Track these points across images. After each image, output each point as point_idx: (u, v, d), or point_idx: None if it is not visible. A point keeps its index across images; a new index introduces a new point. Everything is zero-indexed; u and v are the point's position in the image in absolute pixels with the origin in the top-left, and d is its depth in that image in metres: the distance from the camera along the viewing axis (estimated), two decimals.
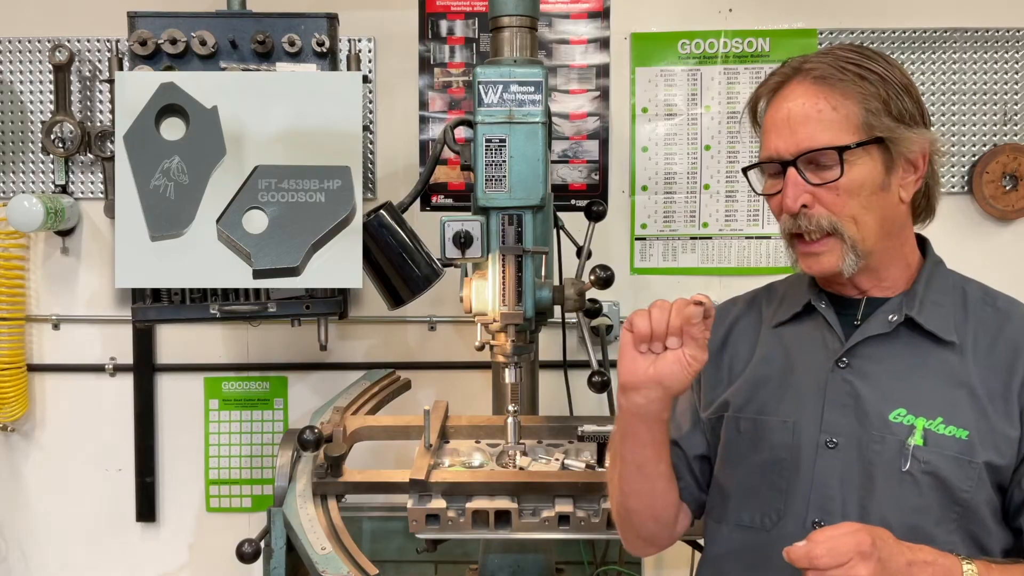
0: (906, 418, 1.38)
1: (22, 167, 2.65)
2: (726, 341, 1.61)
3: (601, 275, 2.10)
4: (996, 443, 1.36)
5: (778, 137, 1.42)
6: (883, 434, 1.39)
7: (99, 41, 2.62)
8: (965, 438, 1.36)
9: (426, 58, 2.66)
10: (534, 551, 2.06)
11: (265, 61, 2.07)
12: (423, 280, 2.06)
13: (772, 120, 1.44)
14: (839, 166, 1.38)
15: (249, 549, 1.88)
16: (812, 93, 1.41)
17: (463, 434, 2.17)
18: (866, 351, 1.44)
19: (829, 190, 1.39)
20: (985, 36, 2.64)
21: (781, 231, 1.47)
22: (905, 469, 1.36)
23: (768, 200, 1.50)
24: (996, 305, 1.46)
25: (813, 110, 1.39)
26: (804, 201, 1.40)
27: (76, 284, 2.70)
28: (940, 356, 1.42)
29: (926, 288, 1.46)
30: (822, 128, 1.39)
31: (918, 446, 1.36)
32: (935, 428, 1.37)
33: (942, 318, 1.43)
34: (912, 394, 1.40)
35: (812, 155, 1.39)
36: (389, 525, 2.53)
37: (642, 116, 2.69)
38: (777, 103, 1.45)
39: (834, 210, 1.39)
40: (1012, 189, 2.63)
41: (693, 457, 1.59)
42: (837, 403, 1.43)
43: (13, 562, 2.77)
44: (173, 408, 2.74)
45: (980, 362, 1.40)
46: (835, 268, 1.41)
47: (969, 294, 1.48)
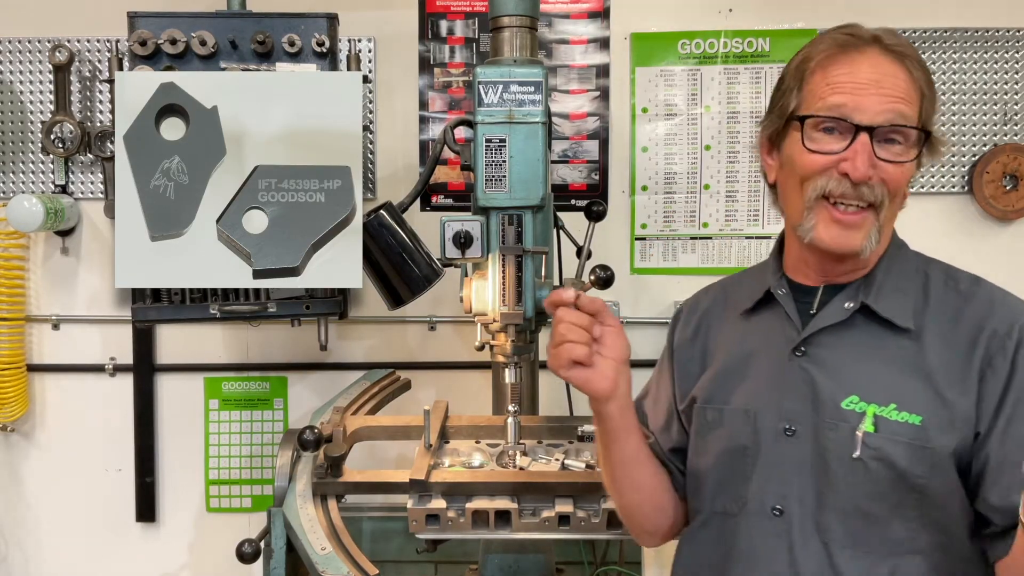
0: (858, 405, 1.38)
1: (22, 167, 2.65)
2: (697, 332, 1.63)
3: (601, 275, 2.10)
4: (956, 427, 1.35)
5: (860, 97, 1.36)
6: (836, 421, 1.39)
7: (99, 41, 2.62)
8: (918, 424, 1.35)
9: (426, 58, 2.66)
10: (534, 551, 2.06)
11: (265, 61, 2.07)
12: (423, 280, 2.06)
13: (851, 78, 1.38)
14: (916, 149, 1.38)
15: (249, 549, 1.88)
16: (898, 69, 1.38)
17: (463, 434, 2.17)
18: (823, 339, 1.44)
19: (897, 167, 1.37)
20: (985, 36, 2.64)
21: (813, 192, 1.40)
22: (856, 456, 1.36)
23: (809, 156, 1.40)
24: (958, 288, 1.45)
25: (903, 84, 1.37)
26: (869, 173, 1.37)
27: (76, 284, 2.70)
28: (897, 343, 1.41)
29: (886, 273, 1.46)
30: (908, 105, 1.37)
31: (868, 432, 1.36)
32: (887, 415, 1.36)
33: (900, 304, 1.43)
34: (866, 381, 1.40)
35: (893, 130, 1.37)
36: (389, 525, 2.53)
37: (642, 116, 2.69)
38: (854, 62, 1.39)
39: (891, 187, 1.38)
40: (1012, 189, 2.63)
41: (669, 450, 1.64)
42: (794, 391, 1.44)
43: (13, 562, 2.77)
44: (173, 408, 2.74)
45: (940, 347, 1.39)
46: (860, 246, 1.39)
47: (932, 277, 1.47)
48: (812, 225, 1.40)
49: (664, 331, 1.75)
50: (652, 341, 2.67)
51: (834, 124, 1.38)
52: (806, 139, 1.40)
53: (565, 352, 1.37)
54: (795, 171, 1.43)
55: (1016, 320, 1.39)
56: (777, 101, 1.48)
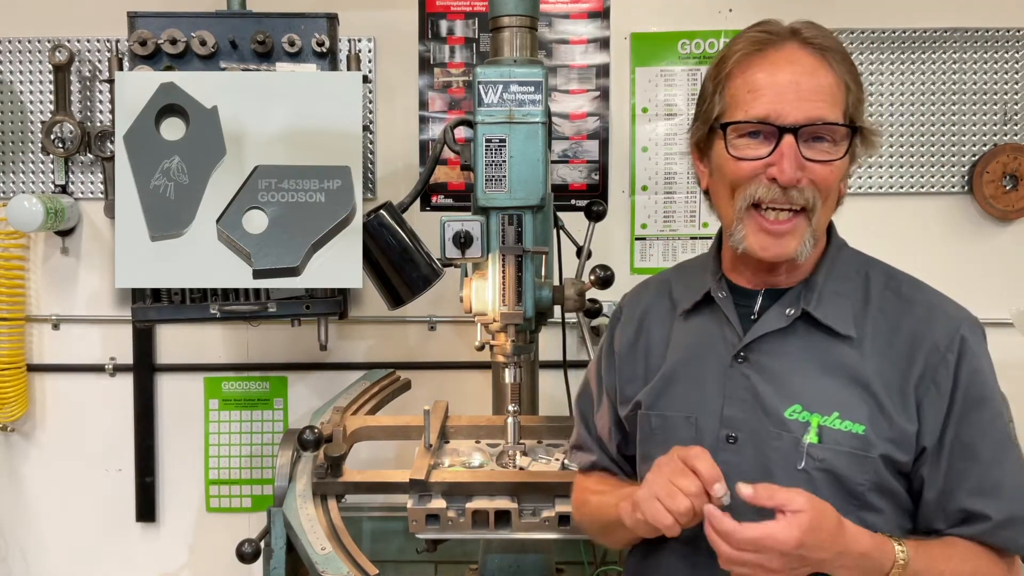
0: (801, 415, 1.35)
1: (22, 167, 2.65)
2: (639, 333, 1.57)
3: (601, 275, 2.10)
4: (893, 437, 1.33)
5: (780, 100, 1.32)
6: (780, 431, 1.36)
7: (99, 41, 2.62)
8: (862, 433, 1.33)
9: (426, 58, 2.66)
10: (534, 551, 2.06)
11: (265, 61, 2.07)
12: (423, 280, 2.06)
13: (771, 80, 1.34)
14: (844, 146, 1.33)
15: (249, 549, 1.89)
16: (818, 64, 1.34)
17: (463, 434, 2.17)
18: (764, 345, 1.41)
19: (825, 167, 1.33)
20: (985, 36, 2.64)
21: (743, 202, 1.36)
22: (800, 467, 1.34)
23: (736, 164, 1.36)
24: (899, 291, 1.41)
25: (824, 81, 1.33)
26: (797, 176, 1.33)
27: (76, 284, 2.70)
28: (838, 350, 1.38)
29: (827, 277, 1.42)
30: (831, 102, 1.33)
31: (813, 444, 1.34)
32: (831, 424, 1.34)
33: (840, 310, 1.39)
34: (808, 390, 1.36)
35: (817, 128, 1.32)
36: (389, 525, 2.53)
37: (642, 116, 2.69)
38: (772, 63, 1.35)
39: (822, 187, 1.34)
40: (1012, 189, 2.63)
41: (618, 454, 1.61)
42: (736, 398, 1.41)
43: (13, 562, 2.77)
44: (173, 408, 2.74)
45: (878, 354, 1.36)
46: (793, 253, 1.35)
47: (872, 280, 1.43)
48: (743, 235, 1.37)
49: None
50: None
51: (758, 128, 1.34)
52: (730, 147, 1.36)
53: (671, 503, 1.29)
54: (724, 178, 1.39)
55: (956, 330, 1.36)
56: (701, 106, 1.43)
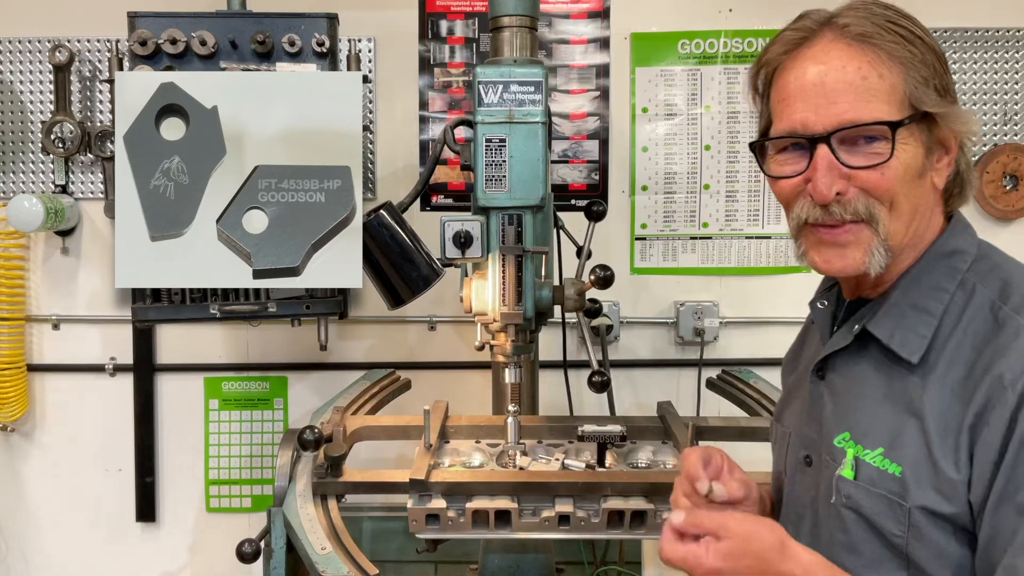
0: (848, 444, 1.22)
1: (22, 167, 2.65)
2: (801, 338, 1.51)
3: (601, 275, 2.10)
4: (937, 485, 1.13)
5: (807, 107, 1.17)
6: (829, 459, 1.25)
7: (99, 41, 2.62)
8: (898, 475, 1.15)
9: (426, 58, 2.66)
10: (534, 551, 2.06)
11: (265, 61, 2.06)
12: (423, 280, 2.06)
13: (798, 85, 1.19)
14: (890, 145, 1.15)
15: (249, 549, 1.88)
16: (851, 55, 1.16)
17: (463, 434, 2.16)
18: (837, 362, 1.29)
19: (873, 173, 1.15)
20: (985, 36, 2.64)
21: (793, 221, 1.23)
22: (832, 501, 1.22)
23: (776, 183, 1.24)
24: (999, 311, 1.16)
25: (856, 76, 1.15)
26: (839, 188, 1.17)
27: (76, 284, 2.70)
28: (902, 376, 1.19)
29: (905, 291, 1.22)
30: (867, 98, 1.15)
31: (844, 477, 1.20)
32: (870, 459, 1.18)
33: (912, 328, 1.19)
34: (862, 418, 1.22)
35: (854, 131, 1.15)
36: (389, 525, 2.54)
37: (642, 116, 2.69)
38: (801, 64, 1.20)
39: (878, 194, 1.16)
40: (1012, 189, 2.63)
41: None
42: (812, 418, 1.32)
43: (13, 562, 2.77)
44: (173, 408, 2.74)
45: (945, 385, 1.15)
46: (860, 267, 1.18)
47: (977, 295, 1.19)
48: (804, 251, 1.25)
49: (664, 331, 1.75)
50: (651, 341, 2.67)
51: (784, 143, 1.22)
52: (770, 164, 1.25)
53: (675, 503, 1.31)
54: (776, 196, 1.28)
55: None
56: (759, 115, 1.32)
